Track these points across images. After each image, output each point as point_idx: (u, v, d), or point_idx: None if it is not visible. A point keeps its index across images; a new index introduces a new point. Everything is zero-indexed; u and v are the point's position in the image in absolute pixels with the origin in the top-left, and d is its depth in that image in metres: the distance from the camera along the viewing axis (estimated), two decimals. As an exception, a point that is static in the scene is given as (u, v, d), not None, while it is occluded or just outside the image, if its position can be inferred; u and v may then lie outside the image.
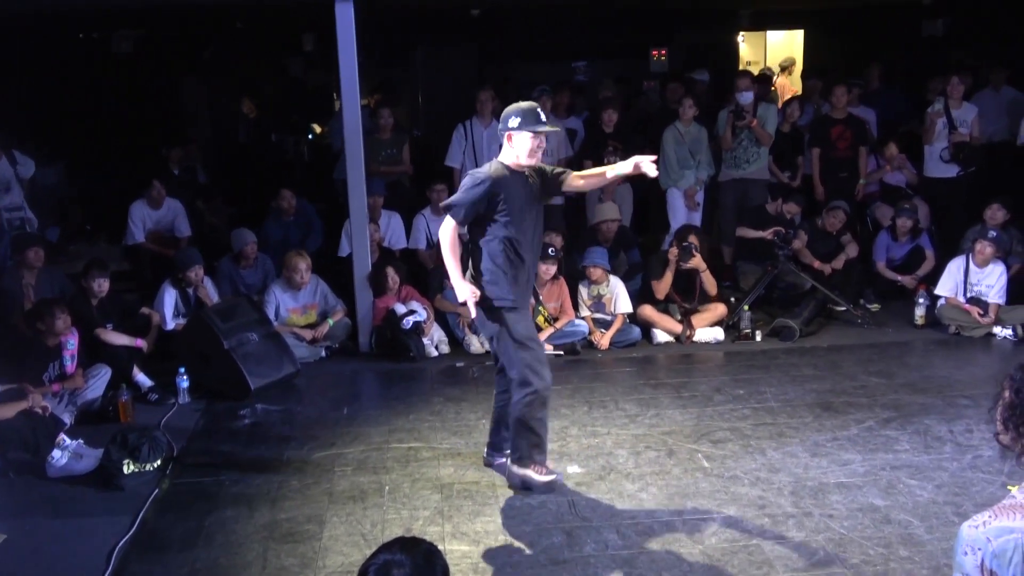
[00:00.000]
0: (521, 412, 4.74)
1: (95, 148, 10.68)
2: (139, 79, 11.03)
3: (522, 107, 4.70)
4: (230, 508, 4.83)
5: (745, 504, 4.69)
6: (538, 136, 4.66)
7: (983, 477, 4.93)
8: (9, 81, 9.15)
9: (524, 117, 4.65)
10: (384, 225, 8.38)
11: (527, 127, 4.63)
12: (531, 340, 4.77)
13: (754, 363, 6.99)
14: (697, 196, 8.89)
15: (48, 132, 9.83)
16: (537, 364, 4.73)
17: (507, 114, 4.71)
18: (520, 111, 4.67)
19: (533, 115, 4.65)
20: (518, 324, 4.73)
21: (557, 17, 11.44)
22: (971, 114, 8.86)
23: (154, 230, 8.64)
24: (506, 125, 4.69)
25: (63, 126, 10.31)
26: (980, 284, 7.52)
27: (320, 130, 12.80)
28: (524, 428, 4.77)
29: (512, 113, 4.69)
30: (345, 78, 7.14)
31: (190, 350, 6.71)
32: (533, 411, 4.74)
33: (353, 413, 6.22)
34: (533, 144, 4.65)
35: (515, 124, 4.65)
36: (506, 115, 4.71)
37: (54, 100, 10.22)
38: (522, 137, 4.65)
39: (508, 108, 4.75)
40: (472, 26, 11.06)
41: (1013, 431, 2.10)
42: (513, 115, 4.67)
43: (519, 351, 4.70)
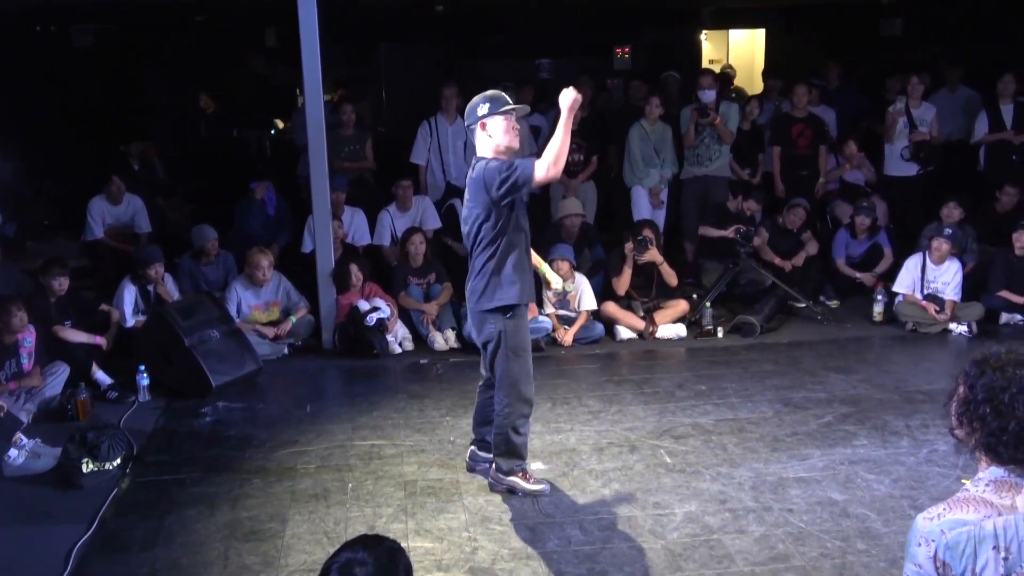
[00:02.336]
0: (501, 422, 4.69)
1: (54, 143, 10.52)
2: (99, 73, 10.87)
3: (487, 94, 4.53)
4: (191, 507, 4.79)
5: (706, 499, 4.74)
6: (510, 117, 4.49)
7: (939, 471, 5.01)
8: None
9: (492, 102, 4.47)
10: (347, 221, 8.34)
11: (497, 110, 4.45)
12: (524, 351, 4.66)
13: (716, 359, 7.06)
14: (661, 194, 8.94)
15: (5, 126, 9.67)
16: (525, 377, 4.66)
17: (473, 105, 4.52)
18: (486, 98, 4.50)
19: (500, 99, 4.49)
20: (518, 332, 4.61)
21: (521, 15, 11.44)
22: (930, 113, 9.01)
23: (114, 226, 8.54)
24: (475, 115, 4.49)
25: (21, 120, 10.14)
26: (936, 281, 7.64)
27: (283, 126, 12.70)
28: (506, 440, 4.72)
29: (479, 102, 4.50)
30: (308, 73, 7.09)
31: (150, 348, 6.64)
32: (517, 423, 4.68)
33: (316, 411, 6.19)
34: (507, 125, 4.46)
35: (484, 111, 4.46)
36: (472, 106, 4.52)
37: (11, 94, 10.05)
38: (495, 121, 4.46)
39: (473, 100, 4.56)
40: (436, 23, 11.04)
41: (967, 426, 2.14)
42: (480, 103, 4.49)
43: (511, 360, 4.59)
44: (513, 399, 4.64)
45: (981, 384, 2.09)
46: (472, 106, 4.54)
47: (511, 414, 4.67)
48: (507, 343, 4.58)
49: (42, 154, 10.28)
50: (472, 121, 4.53)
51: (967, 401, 2.13)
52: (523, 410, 4.70)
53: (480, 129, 4.51)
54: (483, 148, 4.54)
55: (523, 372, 4.64)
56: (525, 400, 4.69)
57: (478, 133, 4.53)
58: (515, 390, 4.63)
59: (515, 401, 4.65)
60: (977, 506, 2.07)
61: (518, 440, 4.75)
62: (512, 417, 4.68)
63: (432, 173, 8.91)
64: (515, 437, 4.73)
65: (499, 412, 4.71)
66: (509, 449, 4.76)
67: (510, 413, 4.67)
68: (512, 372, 4.61)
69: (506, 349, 4.58)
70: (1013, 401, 2.04)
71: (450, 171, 8.87)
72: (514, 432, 4.71)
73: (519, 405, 4.66)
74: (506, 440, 4.73)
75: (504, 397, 4.66)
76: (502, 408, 4.68)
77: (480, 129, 4.51)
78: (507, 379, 4.62)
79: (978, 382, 2.10)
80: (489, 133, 4.49)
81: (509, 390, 4.63)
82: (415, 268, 7.75)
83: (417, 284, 7.73)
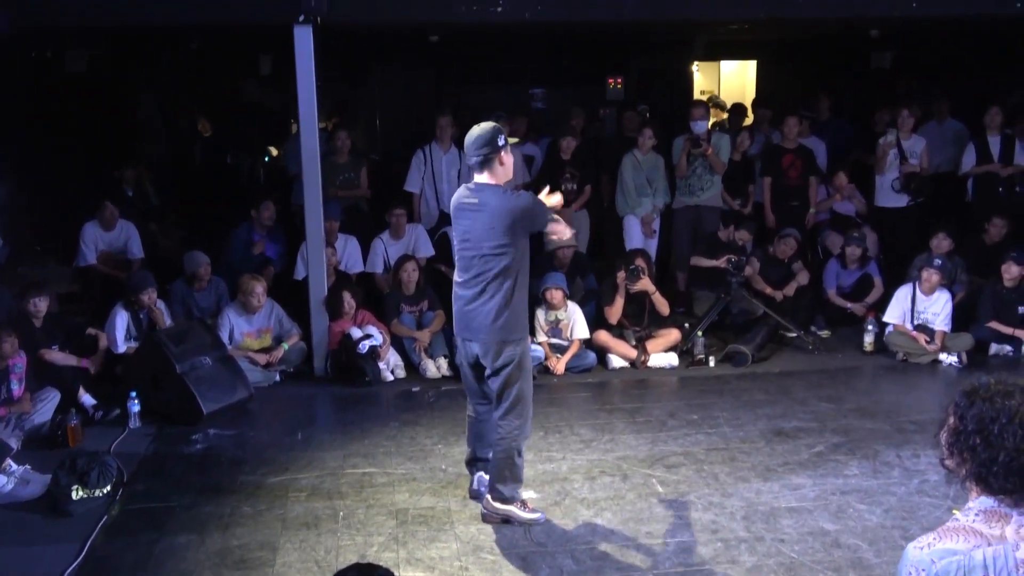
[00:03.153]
0: (508, 446, 4.71)
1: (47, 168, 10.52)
2: (93, 98, 10.90)
3: (498, 126, 4.57)
4: (181, 534, 4.77)
5: (698, 529, 4.73)
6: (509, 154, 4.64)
7: (930, 501, 5.02)
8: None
9: (503, 134, 4.55)
10: (340, 249, 8.36)
11: (506, 147, 4.57)
12: (530, 375, 4.80)
13: (707, 388, 7.07)
14: (653, 223, 8.99)
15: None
16: (530, 400, 4.75)
17: (490, 135, 4.50)
18: (498, 129, 4.54)
19: (499, 134, 4.54)
20: (527, 357, 4.73)
21: (514, 44, 11.54)
22: (920, 145, 9.10)
23: (106, 252, 8.53)
24: (495, 145, 4.49)
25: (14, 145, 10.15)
26: (927, 311, 7.69)
27: (276, 152, 12.73)
28: (509, 465, 4.74)
29: (495, 133, 4.50)
30: (303, 101, 7.14)
31: (142, 374, 6.62)
32: (522, 446, 4.75)
33: (307, 438, 6.17)
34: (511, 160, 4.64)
35: (502, 142, 4.52)
36: (489, 135, 4.50)
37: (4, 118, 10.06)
38: (510, 155, 4.62)
39: (484, 129, 4.53)
40: (430, 51, 11.12)
41: (958, 456, 2.15)
42: (497, 134, 4.50)
43: (522, 384, 4.67)
44: (524, 419, 4.70)
45: (971, 415, 2.11)
46: (489, 135, 4.52)
47: (519, 436, 4.72)
48: (523, 365, 4.68)
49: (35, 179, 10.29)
50: (492, 151, 4.51)
51: (957, 431, 2.14)
52: (528, 430, 4.78)
53: (498, 159, 4.54)
54: (494, 176, 4.58)
55: (529, 394, 4.75)
56: (529, 419, 4.77)
57: (495, 161, 4.55)
58: (525, 411, 4.70)
59: (525, 422, 4.71)
60: (967, 536, 2.08)
61: (520, 463, 4.80)
62: (520, 440, 4.73)
63: (426, 201, 8.95)
64: (518, 460, 4.78)
65: (507, 435, 4.71)
66: (513, 474, 4.78)
67: (519, 436, 4.71)
68: (524, 393, 4.69)
69: (522, 371, 4.67)
70: (1003, 432, 2.06)
71: (444, 199, 8.89)
72: (518, 455, 4.77)
73: (527, 426, 4.74)
74: (511, 465, 4.75)
75: (515, 419, 4.68)
76: (511, 431, 4.70)
77: (498, 159, 4.54)
78: (521, 401, 4.68)
79: (968, 412, 2.12)
80: (504, 164, 4.57)
81: (521, 411, 4.69)
82: (408, 296, 7.76)
83: (409, 312, 7.74)
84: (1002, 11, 7.80)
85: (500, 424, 4.72)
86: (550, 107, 12.63)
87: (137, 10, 7.03)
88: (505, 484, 4.78)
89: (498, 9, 7.17)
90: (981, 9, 7.82)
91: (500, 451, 4.75)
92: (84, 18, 7.09)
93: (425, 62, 12.13)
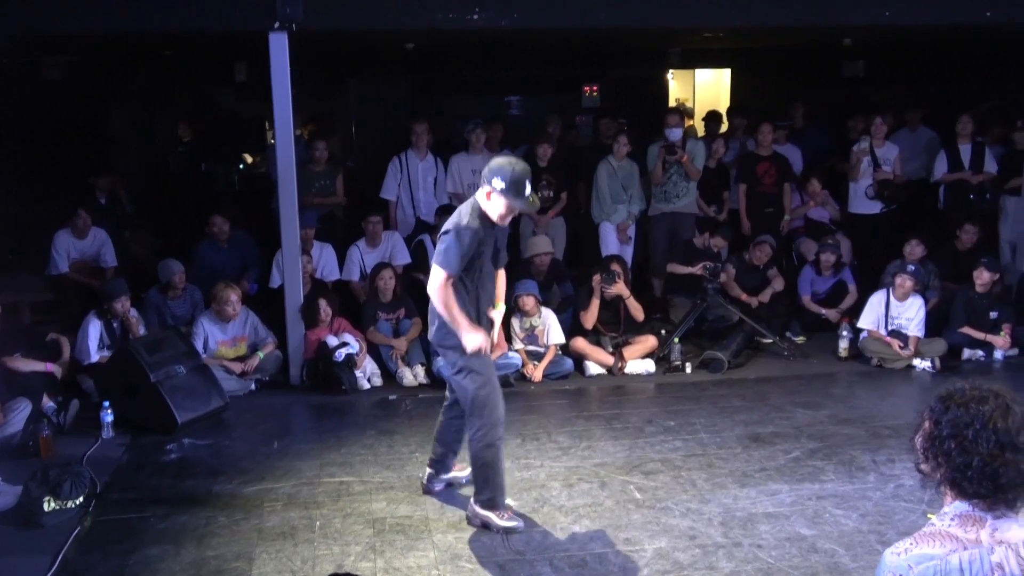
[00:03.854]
0: (475, 451, 4.72)
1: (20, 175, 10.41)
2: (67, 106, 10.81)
3: (514, 172, 4.53)
4: (155, 546, 4.71)
5: (676, 535, 4.74)
6: (514, 209, 4.62)
7: (905, 506, 5.06)
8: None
9: (511, 186, 4.50)
10: (316, 256, 8.33)
11: (508, 197, 4.52)
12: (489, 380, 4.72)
13: (684, 395, 7.09)
14: (629, 230, 9.02)
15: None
16: (491, 404, 4.69)
17: (496, 170, 4.54)
18: (509, 177, 4.50)
19: (519, 187, 4.52)
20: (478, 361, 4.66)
21: (490, 52, 11.55)
22: (893, 153, 9.20)
23: (79, 260, 8.45)
24: (489, 181, 4.53)
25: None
26: (900, 317, 7.75)
27: (251, 160, 12.67)
28: (487, 470, 4.72)
29: (500, 174, 4.51)
30: (279, 109, 7.11)
31: (115, 383, 6.56)
32: (490, 450, 4.69)
33: (284, 447, 6.13)
34: (506, 211, 4.59)
35: (499, 187, 4.51)
36: (495, 170, 4.54)
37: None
38: (498, 202, 4.56)
39: (499, 162, 4.60)
40: (407, 59, 11.11)
41: (933, 461, 2.17)
42: (499, 176, 4.50)
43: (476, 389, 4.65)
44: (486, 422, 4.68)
45: (946, 420, 2.13)
46: (495, 170, 4.55)
47: (483, 439, 4.70)
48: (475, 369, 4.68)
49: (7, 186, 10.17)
50: (486, 181, 4.57)
51: (932, 437, 2.16)
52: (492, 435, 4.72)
53: (486, 194, 4.58)
54: (480, 198, 4.63)
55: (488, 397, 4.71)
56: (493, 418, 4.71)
57: (482, 191, 4.61)
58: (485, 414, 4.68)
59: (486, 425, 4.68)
60: (943, 540, 2.10)
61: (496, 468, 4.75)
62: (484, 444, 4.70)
63: (402, 209, 8.93)
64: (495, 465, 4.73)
65: (473, 439, 4.75)
66: (488, 480, 4.76)
67: (483, 438, 4.70)
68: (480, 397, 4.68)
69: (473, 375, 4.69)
70: (977, 437, 2.08)
71: (420, 207, 8.90)
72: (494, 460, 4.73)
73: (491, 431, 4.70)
74: (485, 470, 4.74)
75: (476, 420, 4.70)
76: (474, 434, 4.72)
77: (486, 194, 4.58)
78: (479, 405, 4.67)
79: (943, 418, 2.14)
80: (489, 201, 4.58)
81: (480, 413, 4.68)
82: (384, 303, 7.74)
83: (386, 319, 7.71)
84: (972, 21, 7.91)
85: (468, 430, 4.77)
86: (526, 115, 12.66)
87: (111, 18, 6.98)
88: (482, 491, 4.79)
89: (474, 17, 7.18)
90: (952, 19, 7.92)
91: (472, 457, 4.78)
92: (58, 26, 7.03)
93: (401, 70, 12.13)
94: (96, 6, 6.94)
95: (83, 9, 6.95)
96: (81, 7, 6.93)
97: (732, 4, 7.75)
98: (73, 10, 6.93)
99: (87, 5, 6.92)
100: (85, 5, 6.92)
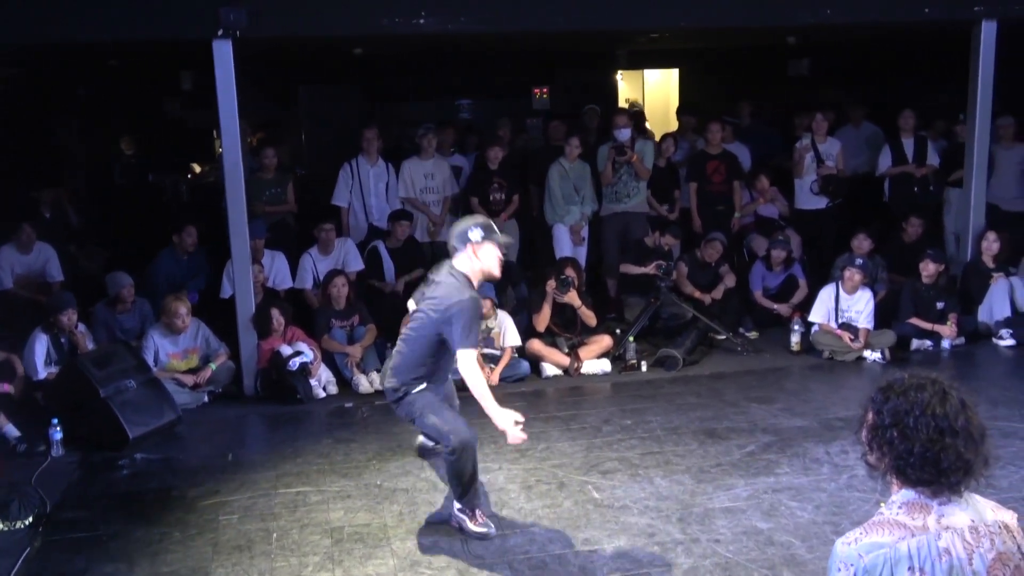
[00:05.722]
0: (449, 463, 4.70)
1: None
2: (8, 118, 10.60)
3: (478, 220, 4.73)
4: (108, 564, 4.63)
5: (635, 533, 4.76)
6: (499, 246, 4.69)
7: (859, 496, 5.13)
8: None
9: (485, 230, 4.63)
10: (268, 265, 8.24)
11: (491, 239, 4.63)
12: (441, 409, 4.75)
13: (641, 393, 7.13)
14: (582, 231, 9.06)
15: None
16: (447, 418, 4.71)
17: (462, 230, 4.66)
18: (479, 224, 4.66)
19: (491, 227, 4.69)
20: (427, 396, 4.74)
21: (440, 57, 11.55)
22: (836, 148, 9.35)
23: (24, 275, 8.27)
24: (465, 238, 4.62)
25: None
26: (850, 310, 7.87)
27: (200, 169, 12.52)
28: (461, 476, 4.69)
29: (468, 229, 4.64)
30: (225, 117, 7.04)
31: (63, 400, 6.43)
32: (464, 465, 4.66)
33: (238, 459, 6.06)
34: (497, 254, 4.67)
35: (478, 237, 4.60)
36: (461, 231, 4.66)
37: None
38: (488, 249, 4.64)
39: (457, 225, 4.74)
40: (356, 64, 11.06)
41: (877, 451, 2.21)
42: (469, 231, 4.63)
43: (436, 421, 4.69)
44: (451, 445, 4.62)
45: (887, 409, 2.16)
46: (463, 229, 4.67)
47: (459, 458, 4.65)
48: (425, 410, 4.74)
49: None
50: (461, 243, 4.64)
51: (875, 427, 2.20)
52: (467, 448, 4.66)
53: (471, 252, 4.63)
54: (463, 265, 4.67)
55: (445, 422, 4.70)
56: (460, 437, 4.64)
57: (465, 253, 4.65)
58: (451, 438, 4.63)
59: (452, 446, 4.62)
60: (892, 528, 2.14)
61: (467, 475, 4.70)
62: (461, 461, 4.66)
63: (354, 215, 8.88)
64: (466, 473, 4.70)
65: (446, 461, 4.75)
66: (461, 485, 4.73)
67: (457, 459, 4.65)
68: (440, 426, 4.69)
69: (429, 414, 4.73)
70: (917, 424, 2.11)
71: (372, 213, 8.85)
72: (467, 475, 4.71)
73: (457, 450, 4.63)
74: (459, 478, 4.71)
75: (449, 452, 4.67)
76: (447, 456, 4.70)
77: (471, 252, 4.63)
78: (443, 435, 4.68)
79: (884, 407, 2.17)
80: (480, 257, 4.64)
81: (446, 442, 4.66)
82: (338, 311, 7.68)
83: (340, 327, 7.66)
84: (912, 18, 8.06)
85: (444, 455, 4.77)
86: (477, 118, 12.66)
87: (53, 27, 6.85)
88: (459, 496, 4.77)
89: (421, 21, 7.17)
90: (892, 16, 8.07)
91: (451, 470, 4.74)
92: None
93: (351, 75, 12.06)
94: (37, 16, 6.81)
95: (24, 19, 6.80)
96: (21, 17, 6.79)
97: (677, 5, 7.82)
98: (13, 20, 6.79)
99: (28, 15, 6.78)
100: (26, 15, 6.78)
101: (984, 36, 8.12)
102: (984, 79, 8.23)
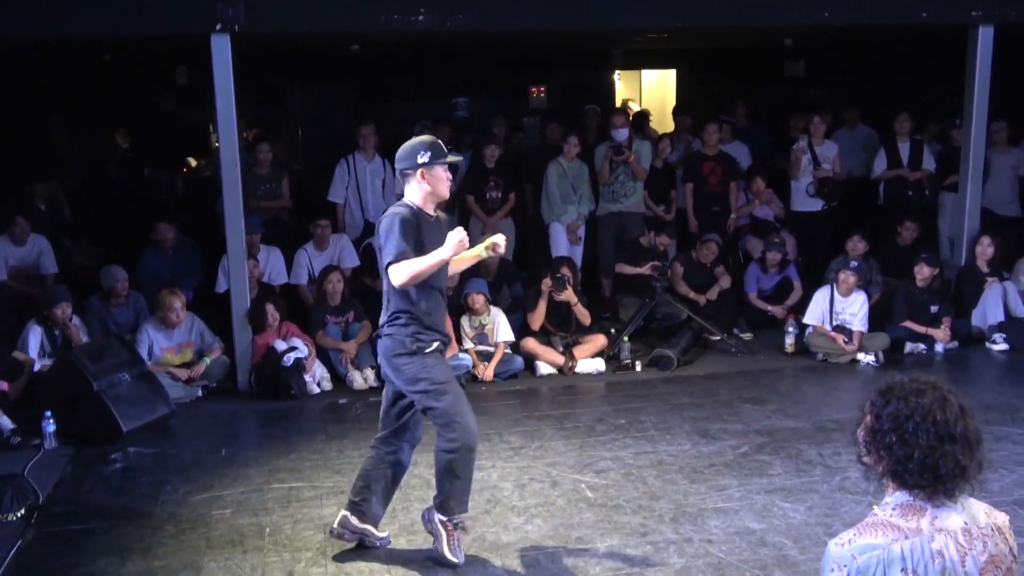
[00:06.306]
0: (445, 460, 4.33)
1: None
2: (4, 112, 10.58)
3: (425, 140, 4.36)
4: (100, 558, 4.62)
5: (628, 532, 4.77)
6: (446, 167, 4.35)
7: (851, 497, 5.14)
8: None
9: (433, 150, 4.29)
10: (263, 260, 8.22)
11: (439, 160, 4.30)
12: (451, 384, 4.37)
13: (635, 393, 7.14)
14: (579, 231, 9.06)
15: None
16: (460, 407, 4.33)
17: (411, 149, 4.32)
18: (425, 144, 4.31)
19: (439, 147, 4.33)
20: (436, 368, 4.34)
21: (436, 55, 11.54)
22: (832, 151, 9.36)
23: (17, 268, 8.25)
24: (413, 161, 4.28)
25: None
26: (844, 312, 7.88)
27: (195, 164, 12.50)
28: (452, 477, 4.35)
29: (419, 148, 4.30)
30: (222, 112, 7.03)
31: (57, 392, 6.41)
32: (459, 462, 4.32)
33: (232, 454, 6.06)
34: (445, 175, 4.33)
35: (425, 159, 4.27)
36: (410, 150, 4.32)
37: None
38: (437, 171, 4.30)
39: (408, 145, 4.36)
40: (352, 61, 11.05)
41: (875, 453, 2.21)
42: (422, 150, 4.29)
43: (440, 397, 4.30)
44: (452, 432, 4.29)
45: (887, 413, 2.16)
46: (409, 150, 4.33)
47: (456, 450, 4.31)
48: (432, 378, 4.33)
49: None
50: (409, 166, 4.31)
51: (874, 430, 2.20)
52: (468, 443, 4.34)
53: (418, 176, 4.32)
54: (412, 194, 4.35)
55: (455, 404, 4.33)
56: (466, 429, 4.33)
57: (413, 178, 4.33)
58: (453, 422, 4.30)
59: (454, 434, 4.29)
60: (885, 530, 2.14)
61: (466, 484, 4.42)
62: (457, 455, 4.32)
63: (350, 212, 8.87)
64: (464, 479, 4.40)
65: (439, 449, 4.37)
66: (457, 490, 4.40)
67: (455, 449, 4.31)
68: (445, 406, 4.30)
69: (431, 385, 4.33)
70: (917, 430, 2.12)
71: (368, 209, 8.84)
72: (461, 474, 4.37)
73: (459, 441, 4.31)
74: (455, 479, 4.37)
75: (443, 432, 4.33)
76: (443, 444, 4.34)
77: (418, 176, 4.32)
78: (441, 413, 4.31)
79: (884, 411, 2.17)
80: (427, 181, 4.31)
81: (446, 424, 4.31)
82: (333, 307, 7.68)
83: (335, 323, 7.65)
84: (909, 20, 8.08)
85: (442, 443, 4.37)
86: (474, 116, 12.66)
87: (48, 23, 6.84)
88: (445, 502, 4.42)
89: (419, 18, 7.16)
90: (889, 18, 8.08)
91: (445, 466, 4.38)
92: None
93: (347, 71, 12.05)
94: (33, 11, 6.79)
95: (20, 14, 6.79)
96: (17, 12, 6.78)
97: (674, 6, 7.82)
98: (8, 15, 6.77)
99: (23, 10, 6.77)
100: (21, 10, 6.77)
101: (981, 40, 8.14)
102: (980, 83, 8.24)
